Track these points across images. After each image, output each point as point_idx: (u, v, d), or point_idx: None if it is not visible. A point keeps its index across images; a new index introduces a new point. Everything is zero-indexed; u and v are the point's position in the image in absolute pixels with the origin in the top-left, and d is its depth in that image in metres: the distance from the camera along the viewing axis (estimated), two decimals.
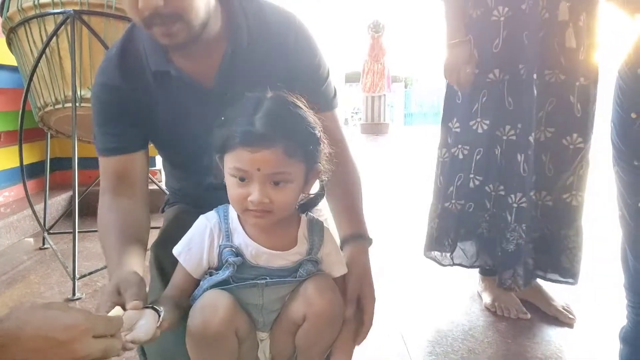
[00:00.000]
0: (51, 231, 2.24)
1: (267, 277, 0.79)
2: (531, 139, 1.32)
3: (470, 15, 1.37)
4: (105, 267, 1.84)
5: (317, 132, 0.78)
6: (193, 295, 0.80)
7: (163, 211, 1.15)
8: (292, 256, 0.81)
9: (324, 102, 0.96)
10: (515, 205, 1.37)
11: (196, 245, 0.80)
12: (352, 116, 15.87)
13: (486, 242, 1.49)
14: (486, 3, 1.34)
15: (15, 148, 2.08)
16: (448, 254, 1.53)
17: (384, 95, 7.81)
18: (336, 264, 0.86)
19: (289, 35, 0.91)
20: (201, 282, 0.80)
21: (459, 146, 1.46)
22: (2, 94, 2.36)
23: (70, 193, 2.63)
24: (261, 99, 0.75)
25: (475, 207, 1.46)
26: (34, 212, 2.10)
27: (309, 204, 0.85)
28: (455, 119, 1.46)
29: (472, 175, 1.44)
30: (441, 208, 1.51)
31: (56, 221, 2.35)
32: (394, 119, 15.84)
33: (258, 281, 0.79)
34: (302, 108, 0.77)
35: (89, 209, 2.77)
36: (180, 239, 0.82)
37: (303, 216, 0.85)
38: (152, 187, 2.35)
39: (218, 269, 0.80)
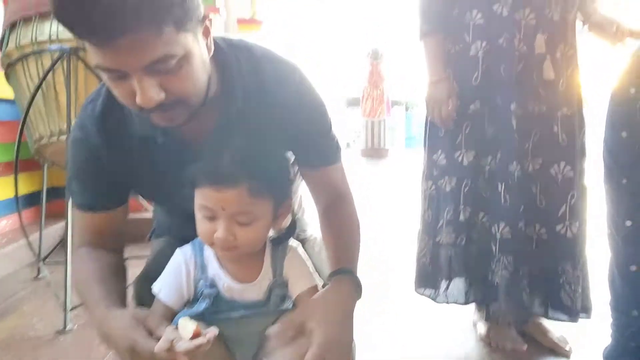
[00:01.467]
0: (47, 260, 2.24)
1: (242, 310, 0.80)
2: (512, 168, 1.33)
3: (449, 51, 1.40)
4: None
5: (288, 167, 0.79)
6: None
7: (149, 239, 1.16)
8: (260, 284, 0.82)
9: (327, 157, 0.94)
10: (498, 235, 1.36)
11: (174, 280, 0.81)
12: (354, 140, 16.00)
13: (477, 275, 1.46)
14: (464, 39, 1.37)
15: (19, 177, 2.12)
16: (443, 291, 1.50)
17: (384, 120, 7.88)
18: (301, 278, 0.84)
19: (288, 94, 0.85)
20: (176, 317, 0.80)
21: (446, 178, 1.45)
22: (3, 125, 2.40)
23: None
24: (232, 136, 0.76)
25: (467, 240, 1.44)
26: (28, 241, 2.10)
27: (281, 239, 0.85)
28: (440, 151, 1.46)
29: (462, 207, 1.43)
30: (432, 243, 1.49)
31: (52, 250, 2.35)
32: (395, 142, 15.93)
33: (232, 314, 0.80)
34: (275, 146, 0.78)
35: None
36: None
37: (267, 241, 0.85)
38: (145, 215, 2.36)
39: (194, 301, 0.81)
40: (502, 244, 1.35)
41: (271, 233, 0.85)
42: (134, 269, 0.96)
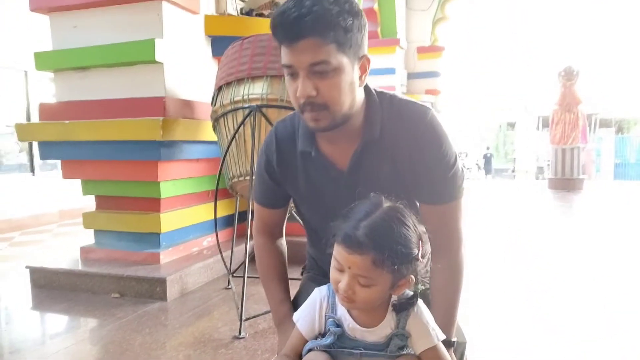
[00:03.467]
0: (235, 274, 2.72)
1: (362, 349, 0.92)
2: None
3: None
4: (267, 312, 2.17)
5: (413, 252, 0.87)
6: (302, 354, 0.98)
7: (302, 273, 1.38)
8: (381, 331, 0.92)
9: (444, 194, 1.04)
10: None
11: (309, 314, 0.98)
12: (547, 165, 14.46)
13: None
14: None
15: (220, 203, 2.66)
16: None
17: (578, 147, 7.01)
18: (422, 338, 0.92)
19: (417, 128, 1.01)
20: (306, 344, 0.98)
21: None
22: (211, 161, 3.02)
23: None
24: (376, 207, 0.89)
25: None
26: (222, 256, 2.61)
27: (401, 306, 0.93)
28: None
29: None
30: None
31: (239, 265, 2.84)
32: (601, 171, 13.70)
33: (354, 350, 0.93)
34: (408, 227, 0.87)
35: None
36: None
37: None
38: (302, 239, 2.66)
39: (324, 334, 0.97)
40: None
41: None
42: (291, 289, 1.21)
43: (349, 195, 1.00)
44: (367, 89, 1.03)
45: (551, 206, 6.03)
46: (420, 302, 0.96)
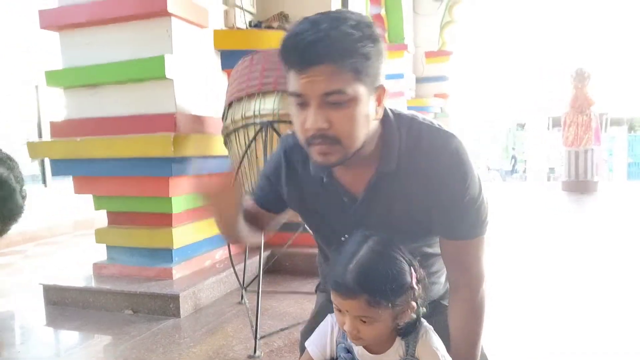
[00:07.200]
0: (248, 288, 2.69)
1: None
2: None
3: None
4: (282, 329, 2.15)
5: (406, 283, 0.87)
6: None
7: (316, 290, 1.36)
8: (390, 357, 0.93)
9: (465, 230, 0.96)
10: None
11: (321, 339, 1.01)
12: (560, 166, 14.32)
13: None
14: None
15: None
16: None
17: (592, 149, 6.91)
18: None
19: (440, 161, 0.92)
20: None
21: None
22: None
23: (268, 252, 3.12)
24: (361, 244, 0.89)
25: None
26: (234, 270, 2.59)
27: (406, 330, 0.93)
28: None
29: None
30: None
31: (253, 279, 2.81)
32: (614, 171, 13.52)
33: None
34: (397, 259, 0.88)
35: (281, 268, 3.22)
36: None
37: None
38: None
39: (335, 359, 0.99)
40: None
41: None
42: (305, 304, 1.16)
43: (356, 224, 0.97)
44: (385, 112, 0.95)
45: (567, 210, 5.95)
46: (429, 327, 0.96)
